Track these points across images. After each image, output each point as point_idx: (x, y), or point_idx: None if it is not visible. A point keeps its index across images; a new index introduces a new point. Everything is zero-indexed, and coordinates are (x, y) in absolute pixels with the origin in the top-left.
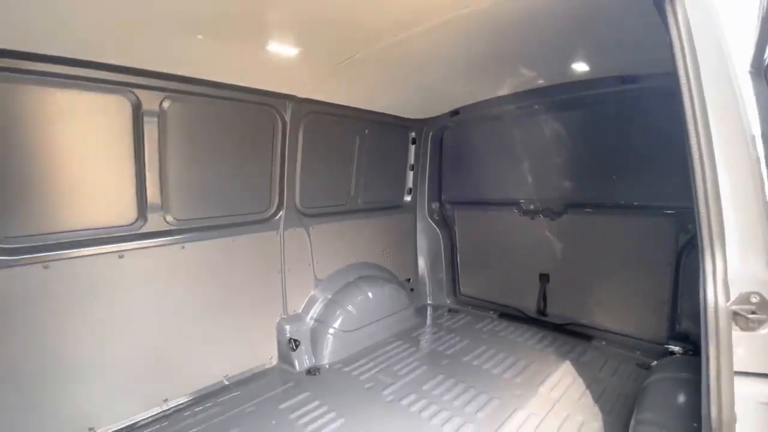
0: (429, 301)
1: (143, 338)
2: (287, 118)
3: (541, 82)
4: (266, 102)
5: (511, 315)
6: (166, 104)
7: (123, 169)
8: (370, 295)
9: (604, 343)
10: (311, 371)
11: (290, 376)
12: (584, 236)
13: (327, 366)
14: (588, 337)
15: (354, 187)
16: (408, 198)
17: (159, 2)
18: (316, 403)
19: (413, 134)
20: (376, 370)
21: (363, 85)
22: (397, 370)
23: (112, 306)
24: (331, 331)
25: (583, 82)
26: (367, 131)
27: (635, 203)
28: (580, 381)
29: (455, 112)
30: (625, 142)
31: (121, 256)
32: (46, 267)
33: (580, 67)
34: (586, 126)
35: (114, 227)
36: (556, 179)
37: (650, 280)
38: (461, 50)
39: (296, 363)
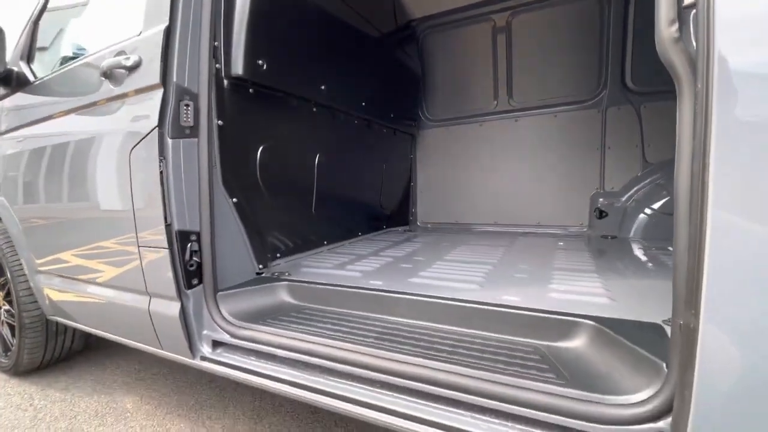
0: None
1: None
2: None
3: None
4: None
5: None
6: (510, 19)
7: (487, 72)
8: None
9: None
10: (606, 236)
11: (587, 237)
12: None
13: (626, 238)
14: None
15: None
16: None
17: None
18: (584, 253)
19: None
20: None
21: None
22: None
23: (476, 151)
24: (647, 210)
25: None
26: None
27: None
28: None
29: None
30: None
31: (480, 125)
32: (447, 128)
33: None
34: None
35: (479, 107)
36: None
37: None
38: None
39: (597, 229)
